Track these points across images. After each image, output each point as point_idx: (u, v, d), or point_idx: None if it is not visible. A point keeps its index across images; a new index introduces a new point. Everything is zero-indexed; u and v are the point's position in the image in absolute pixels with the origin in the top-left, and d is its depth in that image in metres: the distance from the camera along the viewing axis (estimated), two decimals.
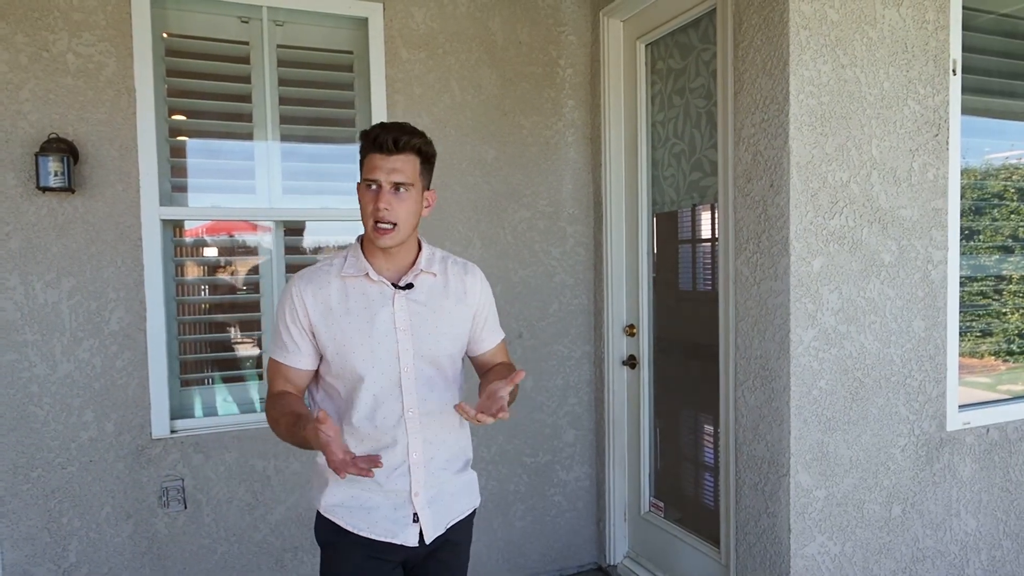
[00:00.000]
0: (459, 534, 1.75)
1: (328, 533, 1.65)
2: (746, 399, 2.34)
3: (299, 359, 1.62)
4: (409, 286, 1.62)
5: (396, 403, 1.59)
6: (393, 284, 1.61)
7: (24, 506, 2.47)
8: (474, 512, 1.80)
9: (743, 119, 2.31)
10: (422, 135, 1.58)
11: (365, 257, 1.62)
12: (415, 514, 1.63)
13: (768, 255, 2.22)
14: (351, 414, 1.59)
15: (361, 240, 1.65)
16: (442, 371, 1.66)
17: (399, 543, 1.62)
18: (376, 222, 1.53)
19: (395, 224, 1.54)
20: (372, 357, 1.57)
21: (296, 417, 1.48)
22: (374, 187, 1.54)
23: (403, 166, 1.54)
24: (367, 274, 1.59)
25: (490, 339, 1.81)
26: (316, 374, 1.67)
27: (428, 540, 1.65)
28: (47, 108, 2.44)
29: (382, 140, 1.52)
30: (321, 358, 1.63)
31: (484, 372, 1.81)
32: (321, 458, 1.63)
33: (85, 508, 2.53)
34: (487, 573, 3.11)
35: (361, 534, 1.62)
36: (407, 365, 1.59)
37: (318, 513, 1.67)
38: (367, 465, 1.32)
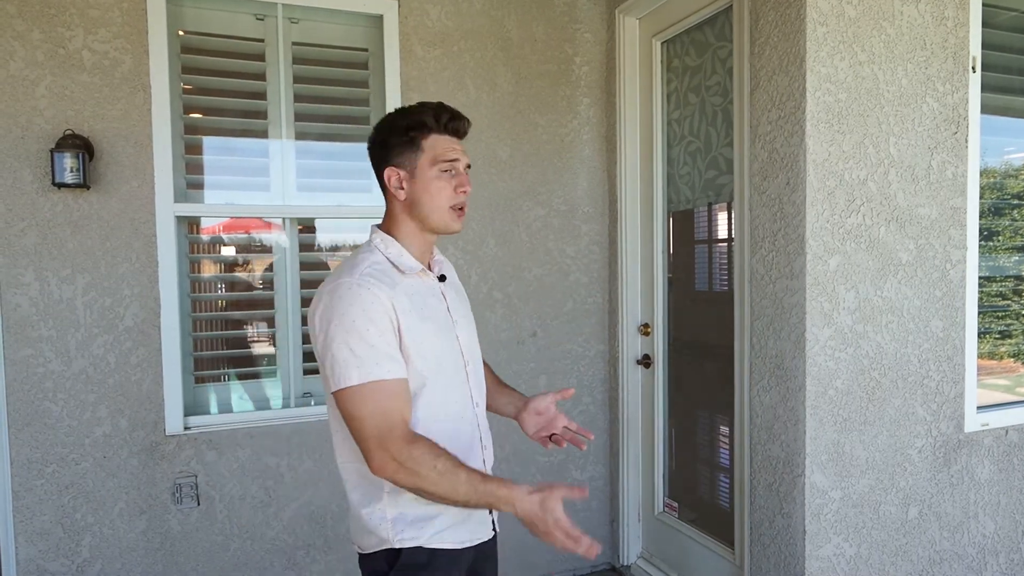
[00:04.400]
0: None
1: (418, 569, 1.44)
2: (761, 399, 2.32)
3: (404, 369, 1.40)
4: (442, 277, 1.57)
5: (468, 401, 1.54)
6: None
7: (38, 501, 2.48)
8: None
9: (759, 117, 2.29)
10: None
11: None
12: None
13: (784, 253, 2.20)
14: (429, 421, 1.44)
15: (386, 231, 1.51)
16: (479, 360, 1.64)
17: (483, 539, 1.58)
18: (456, 207, 1.47)
19: None
20: (447, 358, 1.49)
21: (476, 470, 1.36)
22: (450, 171, 1.46)
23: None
24: (423, 268, 1.50)
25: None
26: None
27: (497, 527, 1.63)
28: (63, 104, 2.46)
29: (457, 127, 1.48)
30: None
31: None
32: (406, 495, 1.41)
33: (99, 504, 2.54)
34: (499, 572, 3.09)
35: (464, 546, 1.51)
36: (468, 359, 1.56)
37: (402, 551, 1.43)
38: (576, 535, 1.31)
